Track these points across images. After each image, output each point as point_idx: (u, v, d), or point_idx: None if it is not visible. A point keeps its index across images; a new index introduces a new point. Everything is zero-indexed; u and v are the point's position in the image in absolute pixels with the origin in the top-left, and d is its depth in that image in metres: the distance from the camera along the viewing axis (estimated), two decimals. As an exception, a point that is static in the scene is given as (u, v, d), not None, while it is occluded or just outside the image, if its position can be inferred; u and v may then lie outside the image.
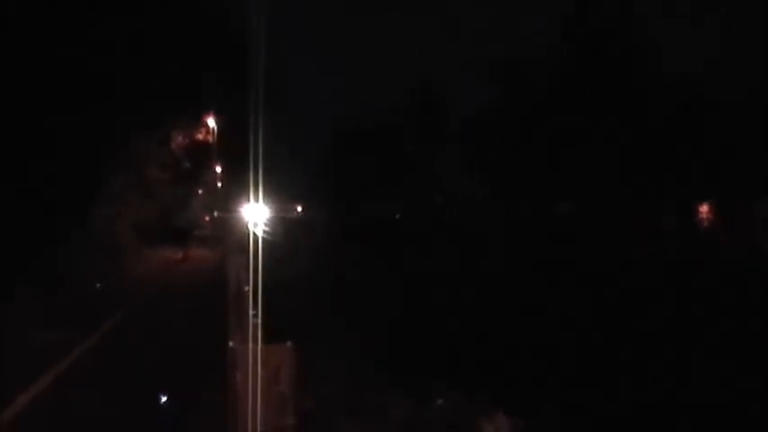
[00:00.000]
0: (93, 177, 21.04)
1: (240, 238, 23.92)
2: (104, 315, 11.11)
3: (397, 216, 61.25)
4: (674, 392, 10.68)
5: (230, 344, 2.61)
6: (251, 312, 3.36)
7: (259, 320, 3.48)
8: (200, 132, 31.31)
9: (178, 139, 29.00)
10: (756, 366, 11.33)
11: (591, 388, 10.80)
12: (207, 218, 52.79)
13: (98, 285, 15.80)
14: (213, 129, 32.11)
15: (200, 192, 49.20)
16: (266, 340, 2.32)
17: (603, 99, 35.22)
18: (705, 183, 32.94)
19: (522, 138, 41.19)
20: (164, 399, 6.08)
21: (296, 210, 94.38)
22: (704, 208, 34.16)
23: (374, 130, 62.16)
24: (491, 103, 47.03)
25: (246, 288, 4.42)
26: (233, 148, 39.25)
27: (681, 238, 31.88)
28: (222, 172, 44.12)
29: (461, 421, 7.40)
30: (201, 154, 33.32)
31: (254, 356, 1.85)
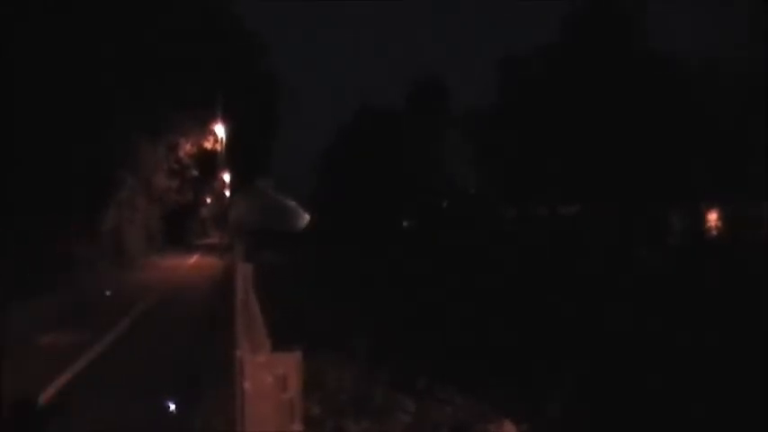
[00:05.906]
0: (103, 183, 21.28)
1: (248, 247, 23.99)
2: (113, 321, 11.25)
3: (405, 224, 60.28)
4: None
5: (237, 352, 2.66)
6: (259, 321, 3.42)
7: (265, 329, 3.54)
8: (209, 141, 31.51)
9: (186, 147, 29.17)
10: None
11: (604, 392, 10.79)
12: (215, 226, 53.00)
13: (107, 293, 15.93)
14: (221, 138, 32.27)
15: (208, 200, 49.44)
16: (274, 348, 2.37)
17: (608, 94, 34.92)
18: (714, 184, 32.68)
19: (524, 135, 40.88)
20: (170, 403, 6.19)
21: (305, 218, 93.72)
22: (713, 211, 33.97)
23: (378, 123, 61.05)
24: (491, 101, 46.77)
25: (254, 297, 4.48)
26: (241, 156, 39.45)
27: (688, 241, 31.67)
28: (230, 180, 44.27)
29: (468, 426, 7.42)
30: (210, 162, 33.52)
31: (261, 364, 1.90)
